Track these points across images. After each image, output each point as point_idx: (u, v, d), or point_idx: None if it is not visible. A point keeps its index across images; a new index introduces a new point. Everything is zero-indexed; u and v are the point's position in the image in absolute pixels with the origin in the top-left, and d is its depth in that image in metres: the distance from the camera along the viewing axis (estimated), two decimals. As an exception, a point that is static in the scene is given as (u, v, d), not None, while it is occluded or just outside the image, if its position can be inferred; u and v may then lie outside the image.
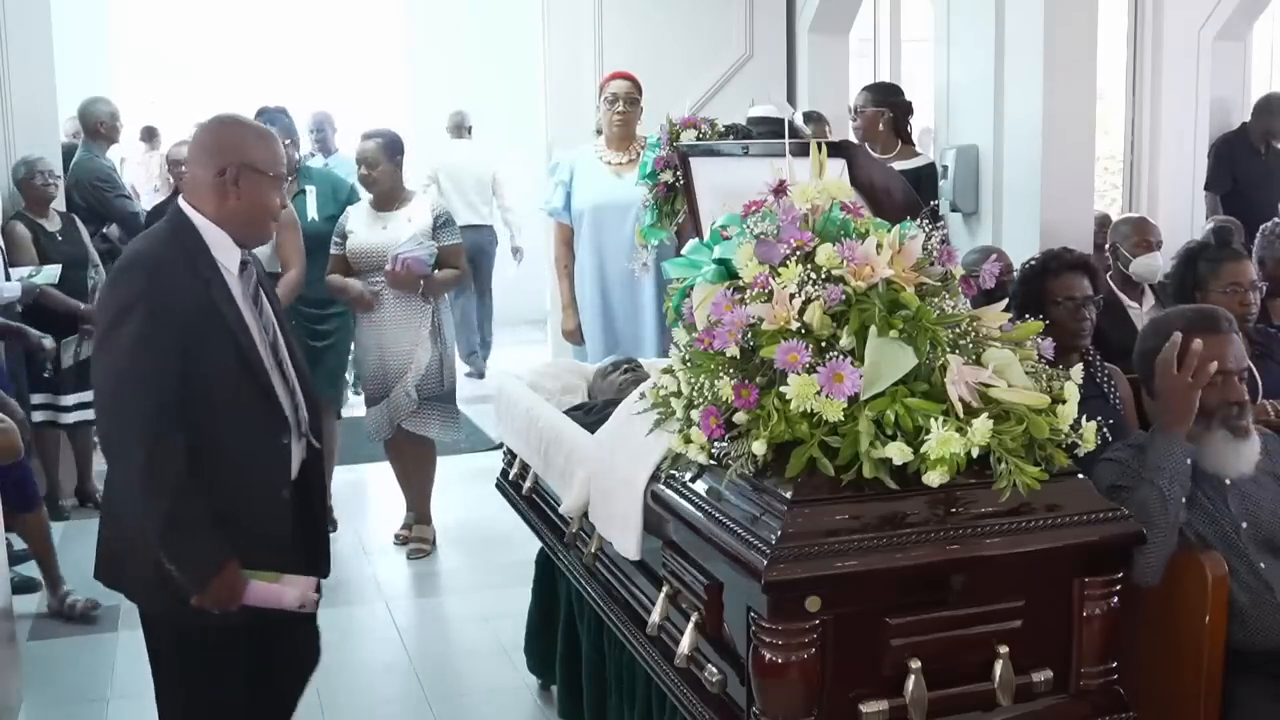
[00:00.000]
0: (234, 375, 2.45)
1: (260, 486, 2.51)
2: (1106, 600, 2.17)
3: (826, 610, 1.99)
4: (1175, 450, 2.44)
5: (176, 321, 2.35)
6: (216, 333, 2.42)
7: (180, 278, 2.40)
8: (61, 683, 3.88)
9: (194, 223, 2.47)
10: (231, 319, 2.45)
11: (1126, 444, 2.60)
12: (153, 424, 2.31)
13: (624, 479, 2.51)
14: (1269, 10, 6.98)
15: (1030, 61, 4.48)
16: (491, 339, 8.95)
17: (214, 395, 2.41)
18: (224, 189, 2.46)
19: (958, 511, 2.07)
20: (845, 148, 3.18)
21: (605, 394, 3.49)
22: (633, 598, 2.64)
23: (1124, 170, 6.92)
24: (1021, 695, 2.11)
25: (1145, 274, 4.12)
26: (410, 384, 4.80)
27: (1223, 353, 2.50)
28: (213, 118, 2.58)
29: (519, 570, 3.96)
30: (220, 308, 2.43)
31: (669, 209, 3.18)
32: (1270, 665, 2.46)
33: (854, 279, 2.16)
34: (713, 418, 2.18)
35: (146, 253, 2.43)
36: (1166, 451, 2.44)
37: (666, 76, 5.70)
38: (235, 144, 2.49)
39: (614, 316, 4.76)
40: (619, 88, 4.71)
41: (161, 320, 2.33)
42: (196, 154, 2.52)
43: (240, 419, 2.46)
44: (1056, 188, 4.49)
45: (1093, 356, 3.25)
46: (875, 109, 4.95)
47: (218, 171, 2.45)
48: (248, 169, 2.46)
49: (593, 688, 3.13)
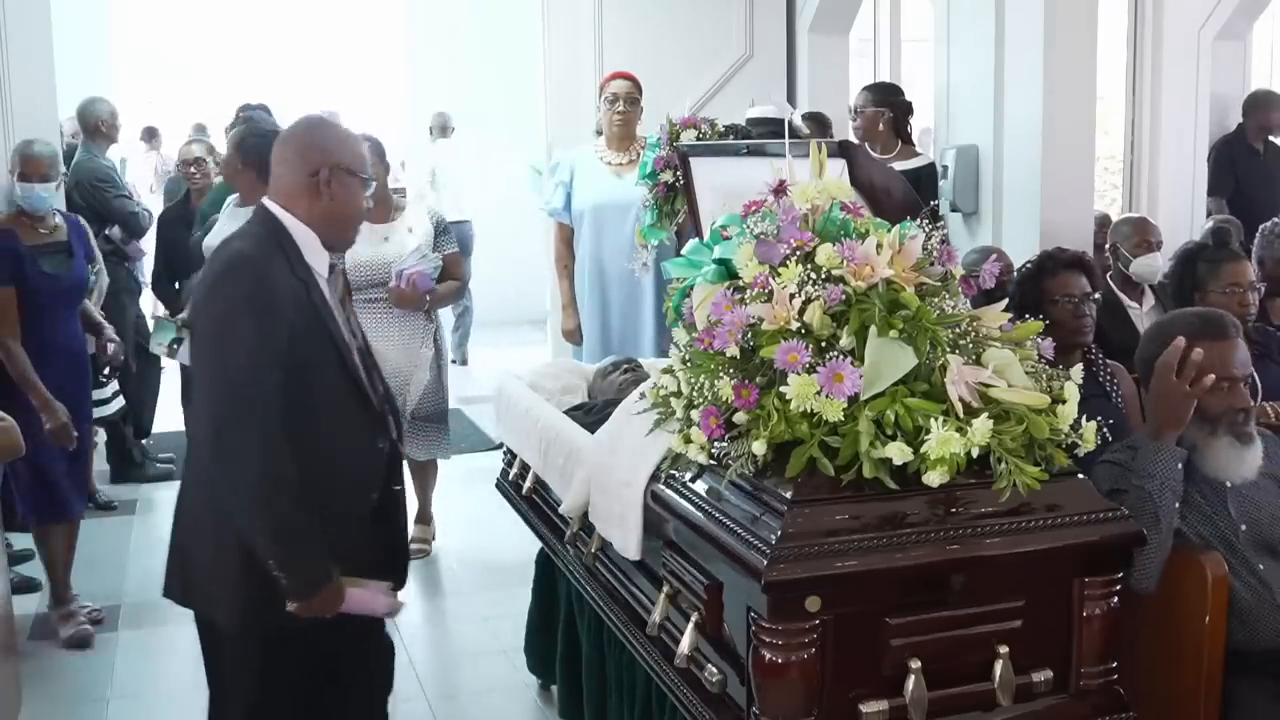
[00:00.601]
0: (334, 379, 2.42)
1: (353, 491, 2.48)
2: (1106, 600, 2.18)
3: (826, 610, 1.99)
4: (1166, 456, 2.42)
5: (283, 324, 2.31)
6: (318, 336, 2.39)
7: (283, 279, 2.36)
8: (61, 683, 3.88)
9: (285, 224, 2.42)
10: (329, 322, 2.43)
11: (1125, 445, 2.59)
12: (268, 430, 2.27)
13: (624, 479, 2.51)
14: (1269, 10, 6.98)
15: (1030, 61, 4.48)
16: (470, 328, 9.12)
17: (314, 399, 2.37)
18: (316, 190, 2.42)
19: (958, 511, 2.07)
20: (845, 148, 3.19)
21: (605, 394, 3.49)
22: (633, 598, 2.64)
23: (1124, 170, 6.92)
24: (1021, 695, 2.11)
25: (1145, 274, 4.12)
26: (408, 407, 4.57)
27: (1228, 359, 2.48)
28: (301, 119, 2.54)
29: (519, 570, 3.96)
30: (320, 310, 2.41)
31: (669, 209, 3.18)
32: (1270, 665, 2.46)
33: (854, 279, 2.16)
34: (713, 418, 2.18)
35: (249, 253, 2.36)
36: (1157, 458, 2.43)
37: (666, 76, 5.70)
38: (327, 145, 2.45)
39: (612, 316, 4.76)
40: (619, 88, 4.71)
41: (270, 323, 2.29)
42: (286, 156, 2.46)
43: (339, 423, 2.43)
44: (1056, 188, 4.49)
45: (1095, 355, 3.25)
46: (875, 109, 4.95)
47: (310, 172, 2.41)
48: (340, 170, 2.43)
49: (593, 688, 3.13)
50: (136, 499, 5.74)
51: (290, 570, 2.31)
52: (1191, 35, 6.61)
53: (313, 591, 2.33)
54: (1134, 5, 6.60)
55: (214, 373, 2.30)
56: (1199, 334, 2.50)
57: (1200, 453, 2.50)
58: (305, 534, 2.31)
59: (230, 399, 2.27)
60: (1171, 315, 2.76)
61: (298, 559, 2.32)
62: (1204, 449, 2.50)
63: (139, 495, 5.80)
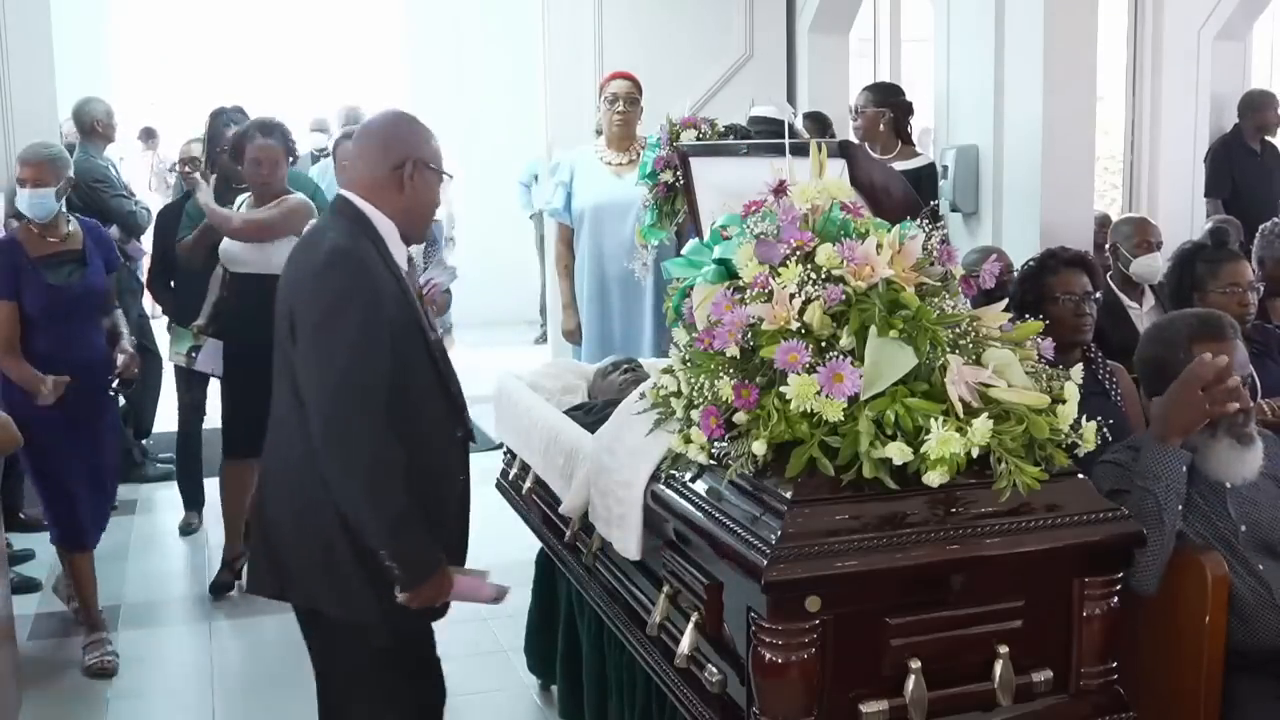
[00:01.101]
0: (425, 369, 2.45)
1: (447, 480, 2.52)
2: (1106, 600, 2.17)
3: (826, 610, 1.99)
4: (1172, 459, 2.42)
5: (385, 315, 2.33)
6: (411, 327, 2.42)
7: (380, 271, 2.37)
8: (61, 683, 3.88)
9: (370, 217, 2.42)
10: (418, 313, 2.45)
11: (1125, 445, 2.59)
12: (379, 419, 2.28)
13: (624, 479, 2.51)
14: (1269, 10, 6.99)
15: (1030, 61, 4.48)
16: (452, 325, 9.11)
17: (411, 389, 2.39)
18: (400, 183, 2.42)
19: (958, 511, 2.07)
20: (845, 148, 3.19)
21: (605, 394, 3.49)
22: (633, 598, 2.64)
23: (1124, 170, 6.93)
24: (1021, 695, 2.11)
25: (1145, 274, 4.12)
26: None
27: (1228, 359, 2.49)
28: (382, 113, 2.57)
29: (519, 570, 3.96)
30: (411, 301, 2.43)
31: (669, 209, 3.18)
32: (1270, 665, 2.46)
33: (854, 279, 2.16)
34: (713, 418, 2.18)
35: (347, 246, 2.36)
36: (1164, 460, 2.42)
37: (666, 76, 5.70)
38: (410, 139, 2.47)
39: (612, 316, 4.75)
40: (619, 88, 4.70)
41: (375, 315, 2.31)
42: (368, 149, 2.47)
43: (430, 412, 2.46)
44: (1056, 188, 4.49)
45: (1094, 354, 3.25)
46: (876, 109, 4.95)
47: (395, 166, 2.42)
48: (421, 164, 2.44)
49: (593, 688, 3.13)
50: (136, 499, 5.73)
51: (402, 559, 2.33)
52: (1191, 35, 6.62)
53: (423, 579, 2.36)
54: (1134, 5, 6.61)
55: (322, 365, 2.29)
56: (1199, 336, 2.51)
57: (1201, 454, 2.50)
58: (415, 522, 2.33)
59: (341, 390, 2.27)
60: (1170, 316, 2.76)
61: (410, 547, 2.34)
62: (1205, 451, 2.49)
63: (139, 495, 5.80)
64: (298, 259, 2.44)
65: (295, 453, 2.39)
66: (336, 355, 2.27)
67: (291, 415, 2.39)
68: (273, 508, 2.48)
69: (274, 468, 2.50)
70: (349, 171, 2.48)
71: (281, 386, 2.43)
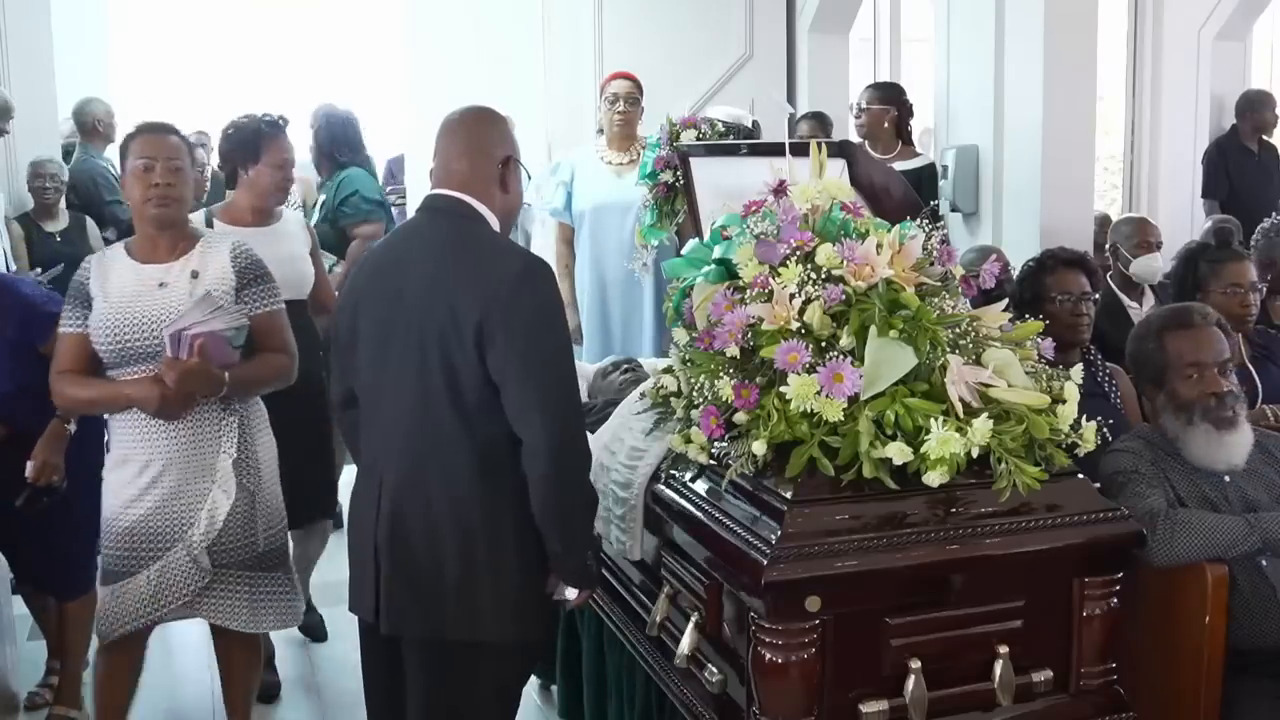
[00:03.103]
0: None
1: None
2: (1106, 600, 2.18)
3: (826, 610, 1.99)
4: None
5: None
6: None
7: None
8: (61, 683, 3.87)
9: (486, 217, 2.32)
10: None
11: (1136, 435, 2.65)
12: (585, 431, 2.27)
13: (624, 479, 2.51)
14: (1269, 10, 6.99)
15: (1030, 61, 4.48)
16: None
17: None
18: (503, 181, 2.34)
19: (958, 511, 2.07)
20: (845, 148, 3.19)
21: (605, 394, 3.48)
22: (633, 598, 2.64)
23: (1124, 170, 6.93)
24: (1021, 695, 2.11)
25: (1145, 274, 4.12)
26: (200, 544, 2.87)
27: (1197, 345, 2.55)
28: (472, 110, 2.40)
29: (519, 570, 3.95)
30: None
31: (669, 209, 3.19)
32: (1270, 665, 2.46)
33: (854, 279, 2.16)
34: (713, 418, 2.18)
35: (525, 252, 2.34)
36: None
37: (666, 76, 5.70)
38: (509, 136, 2.39)
39: (612, 316, 4.75)
40: (620, 88, 4.70)
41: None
42: (468, 147, 2.32)
43: None
44: (1056, 188, 4.49)
45: (1093, 355, 3.25)
46: (881, 107, 4.96)
47: (500, 162, 2.33)
48: (514, 161, 2.37)
49: (593, 688, 3.13)
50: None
51: (595, 558, 2.35)
52: (1191, 35, 6.62)
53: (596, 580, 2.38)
54: (1134, 5, 6.61)
55: (542, 375, 2.16)
56: (1167, 325, 2.61)
57: (1182, 443, 2.53)
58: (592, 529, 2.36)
59: (567, 398, 2.20)
60: (1149, 312, 2.81)
61: (596, 553, 2.36)
62: (1184, 439, 2.54)
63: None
64: (492, 268, 2.21)
65: (460, 472, 2.20)
66: (551, 364, 2.18)
67: (453, 429, 2.19)
68: (419, 537, 2.22)
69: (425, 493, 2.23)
70: (439, 171, 2.34)
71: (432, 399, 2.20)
